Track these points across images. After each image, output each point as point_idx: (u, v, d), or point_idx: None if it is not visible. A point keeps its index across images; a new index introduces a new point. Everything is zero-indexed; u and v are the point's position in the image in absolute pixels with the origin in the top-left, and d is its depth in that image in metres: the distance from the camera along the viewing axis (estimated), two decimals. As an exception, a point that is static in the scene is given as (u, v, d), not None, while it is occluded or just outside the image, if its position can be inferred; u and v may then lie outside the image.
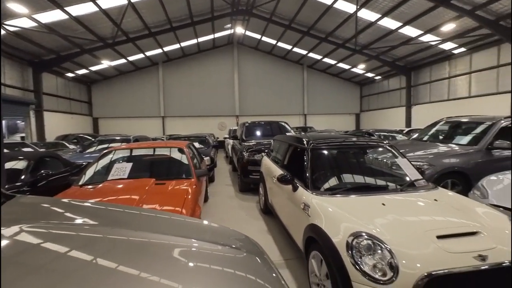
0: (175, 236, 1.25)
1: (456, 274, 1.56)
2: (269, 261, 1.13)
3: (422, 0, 10.46)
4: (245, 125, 7.84)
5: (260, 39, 19.12)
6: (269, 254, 3.11)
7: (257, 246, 1.26)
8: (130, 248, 1.03)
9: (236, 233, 1.36)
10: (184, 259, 1.01)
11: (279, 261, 2.99)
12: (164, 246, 1.09)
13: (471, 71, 13.35)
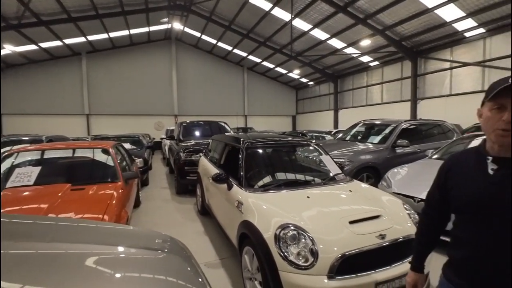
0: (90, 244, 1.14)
1: (364, 252, 1.82)
2: (192, 260, 1.11)
3: (345, 17, 11.88)
4: (182, 125, 7.55)
5: (200, 37, 18.72)
6: (205, 254, 3.10)
7: (181, 246, 1.23)
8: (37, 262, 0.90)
9: (159, 235, 1.30)
10: (98, 267, 0.93)
11: (214, 260, 2.97)
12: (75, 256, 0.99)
13: (383, 81, 15.78)
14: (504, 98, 0.87)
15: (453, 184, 1.04)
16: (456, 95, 12.02)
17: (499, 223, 0.89)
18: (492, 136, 0.92)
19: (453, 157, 1.12)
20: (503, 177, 0.90)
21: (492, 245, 0.91)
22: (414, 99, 13.63)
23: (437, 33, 11.60)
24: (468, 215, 0.98)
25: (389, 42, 12.66)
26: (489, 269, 0.92)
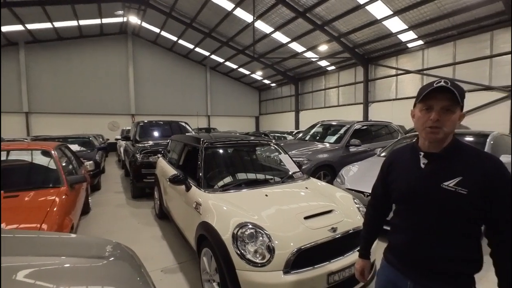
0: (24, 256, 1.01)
1: (317, 245, 1.91)
2: (142, 269, 1.05)
3: (305, 22, 12.40)
4: (139, 125, 7.12)
5: (160, 34, 17.90)
6: (162, 260, 2.96)
7: (129, 253, 1.15)
8: None
9: (104, 242, 1.20)
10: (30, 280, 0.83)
11: (173, 265, 2.85)
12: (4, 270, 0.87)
13: (339, 85, 16.82)
14: (431, 100, 0.98)
15: (393, 178, 1.16)
16: (401, 99, 13.34)
17: (429, 210, 1.01)
18: (423, 134, 1.03)
19: (393, 153, 1.24)
20: (432, 170, 1.02)
21: (424, 229, 1.03)
22: (366, 102, 14.79)
23: (385, 42, 12.76)
24: (405, 205, 1.10)
25: (344, 48, 13.55)
26: (422, 250, 1.04)
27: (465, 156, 1.00)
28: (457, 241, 0.98)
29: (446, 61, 11.51)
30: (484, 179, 0.94)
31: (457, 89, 0.95)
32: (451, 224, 0.98)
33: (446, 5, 9.61)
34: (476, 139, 4.32)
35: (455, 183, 0.96)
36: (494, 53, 10.15)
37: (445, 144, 1.02)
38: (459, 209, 0.96)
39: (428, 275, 1.02)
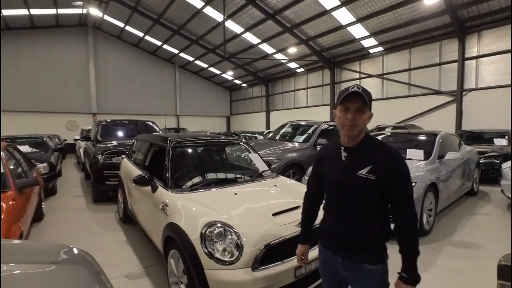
0: None
1: (285, 240, 1.96)
2: (97, 270, 0.99)
3: (274, 24, 12.62)
4: (101, 124, 6.68)
5: (124, 28, 16.95)
6: (127, 265, 2.81)
7: (87, 259, 1.08)
8: None
9: (58, 246, 1.11)
10: None
11: (138, 270, 2.72)
12: None
13: (307, 87, 17.39)
14: (348, 103, 1.17)
15: (323, 170, 1.34)
16: (364, 101, 14.19)
17: (349, 195, 1.21)
18: (343, 131, 1.21)
19: (322, 149, 1.43)
20: (350, 161, 1.22)
21: (346, 211, 1.24)
22: (332, 103, 15.47)
23: (349, 47, 13.47)
24: (332, 192, 1.31)
25: (312, 51, 14.05)
26: (345, 228, 1.24)
27: (374, 149, 1.21)
28: (371, 218, 1.20)
29: (403, 66, 12.50)
30: (387, 166, 1.15)
31: (366, 94, 1.16)
32: (366, 204, 1.19)
33: (402, 15, 10.43)
34: (427, 138, 4.74)
35: (366, 171, 1.16)
36: (442, 61, 11.25)
37: (359, 139, 1.22)
38: (370, 192, 1.17)
39: (351, 248, 1.23)
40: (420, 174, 3.58)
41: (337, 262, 1.27)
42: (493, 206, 4.74)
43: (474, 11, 9.58)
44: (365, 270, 1.21)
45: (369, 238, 1.20)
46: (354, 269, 1.23)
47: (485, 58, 10.15)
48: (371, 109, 1.21)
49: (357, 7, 10.52)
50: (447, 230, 3.66)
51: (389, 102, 13.10)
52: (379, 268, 1.21)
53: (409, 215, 1.17)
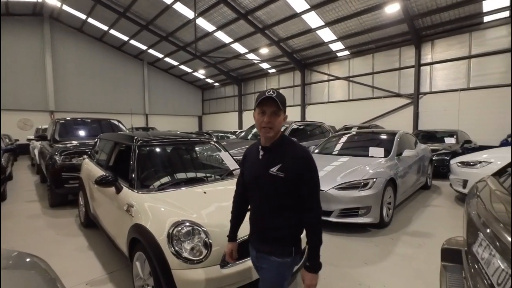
0: None
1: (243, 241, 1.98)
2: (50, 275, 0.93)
3: (246, 24, 12.67)
4: (59, 123, 6.19)
5: (86, 21, 15.85)
6: (88, 272, 2.66)
7: (36, 261, 1.00)
8: None
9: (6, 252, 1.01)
10: None
11: (100, 276, 2.58)
12: None
13: (279, 87, 17.69)
14: (264, 106, 1.26)
15: (245, 168, 1.45)
16: (332, 102, 14.83)
17: (263, 191, 1.32)
18: (260, 132, 1.30)
19: (247, 150, 1.52)
20: (264, 160, 1.33)
21: (260, 206, 1.36)
22: (303, 104, 15.95)
23: (318, 50, 13.99)
24: (251, 189, 1.41)
25: (283, 53, 14.34)
26: (260, 222, 1.37)
27: (285, 148, 1.31)
28: (282, 212, 1.30)
29: (367, 70, 13.28)
30: (295, 165, 1.26)
31: (279, 98, 1.25)
32: (277, 199, 1.29)
33: (366, 22, 11.08)
34: (387, 137, 5.10)
35: (277, 168, 1.27)
36: (401, 66, 12.16)
37: (274, 140, 1.32)
38: (280, 188, 1.27)
39: (263, 240, 1.34)
40: (380, 171, 3.84)
41: (253, 254, 1.41)
42: (443, 199, 5.25)
43: (428, 21, 10.49)
44: (271, 261, 1.30)
45: (280, 231, 1.30)
46: (263, 260, 1.33)
47: (438, 64, 11.17)
48: (285, 112, 1.31)
49: (325, 12, 10.96)
50: (404, 222, 3.98)
51: (355, 103, 13.84)
52: (286, 262, 1.31)
53: (313, 208, 1.28)
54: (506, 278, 0.78)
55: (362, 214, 3.55)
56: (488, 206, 1.10)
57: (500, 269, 0.83)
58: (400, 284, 2.42)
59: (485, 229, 0.99)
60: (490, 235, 0.93)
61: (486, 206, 1.11)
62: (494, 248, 0.89)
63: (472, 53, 10.27)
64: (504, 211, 1.00)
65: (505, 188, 1.14)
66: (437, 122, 10.93)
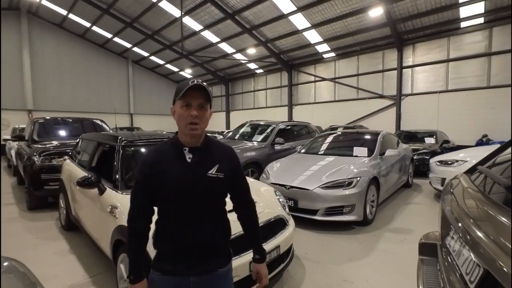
0: None
1: (239, 236, 2.00)
2: (30, 279, 0.90)
3: (234, 24, 12.66)
4: (38, 122, 5.96)
5: (67, 16, 15.30)
6: (70, 276, 2.60)
7: (14, 265, 0.98)
8: None
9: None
10: None
11: (83, 280, 2.51)
12: None
13: (267, 88, 17.80)
14: (189, 98, 1.05)
15: (160, 178, 1.08)
16: (318, 103, 15.07)
17: (199, 198, 1.09)
18: (185, 130, 1.08)
19: (151, 156, 1.13)
20: (197, 162, 1.11)
21: (197, 217, 1.10)
22: (290, 104, 16.11)
23: (305, 51, 14.18)
24: (179, 201, 1.08)
25: (271, 53, 14.43)
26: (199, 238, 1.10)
27: (216, 148, 1.19)
28: (223, 217, 1.21)
29: (352, 72, 13.60)
30: (230, 163, 1.18)
31: (208, 88, 1.08)
32: (218, 203, 1.17)
33: (351, 25, 11.34)
34: (371, 137, 5.25)
35: (215, 170, 1.12)
36: (385, 68, 12.54)
37: (201, 139, 1.14)
38: (221, 190, 1.16)
39: (207, 257, 1.12)
40: (364, 170, 3.96)
41: (188, 285, 1.08)
42: (424, 196, 5.47)
43: (409, 26, 10.88)
44: (218, 276, 1.14)
45: (223, 237, 1.19)
46: (209, 281, 1.12)
47: (418, 67, 11.61)
48: (211, 107, 1.14)
49: (312, 14, 11.13)
50: (386, 219, 4.12)
51: (340, 104, 14.13)
52: (229, 268, 1.20)
53: (250, 203, 1.29)
54: (473, 267, 0.84)
55: (347, 212, 3.64)
56: (460, 202, 1.17)
57: (468, 260, 0.89)
58: (382, 279, 2.51)
59: (456, 224, 1.05)
60: (461, 229, 1.00)
61: (458, 202, 1.18)
62: (464, 241, 0.95)
63: (450, 57, 10.74)
64: (474, 206, 1.07)
65: (475, 185, 1.22)
66: (418, 123, 11.35)
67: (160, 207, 1.13)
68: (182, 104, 1.07)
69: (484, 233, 0.85)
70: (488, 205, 0.98)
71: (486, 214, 0.95)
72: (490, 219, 0.92)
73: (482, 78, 10.03)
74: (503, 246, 0.74)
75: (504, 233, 0.79)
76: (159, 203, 1.13)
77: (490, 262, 0.74)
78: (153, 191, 1.09)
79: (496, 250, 0.74)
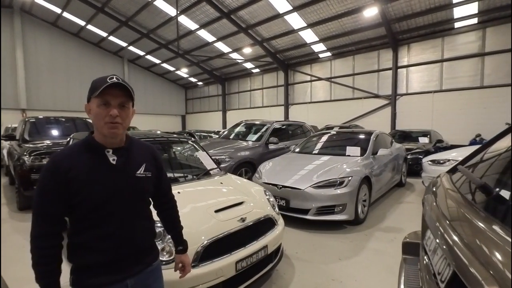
0: None
1: (226, 235, 1.99)
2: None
3: (229, 24, 12.63)
4: (29, 121, 5.90)
5: (61, 15, 15.15)
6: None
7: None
8: None
9: None
10: None
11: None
12: None
13: (263, 87, 17.79)
14: (107, 96, 0.97)
15: (78, 188, 0.97)
16: (314, 103, 15.10)
17: (129, 200, 1.06)
18: (104, 130, 0.99)
19: (63, 160, 0.99)
20: (124, 163, 1.06)
21: (129, 221, 1.06)
22: (286, 104, 16.12)
23: (301, 51, 14.19)
24: (106, 207, 1.01)
25: (267, 53, 14.42)
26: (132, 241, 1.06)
27: (139, 147, 1.16)
28: (150, 214, 1.19)
29: (348, 71, 13.64)
30: (155, 161, 1.19)
31: (128, 85, 1.03)
32: (146, 203, 1.17)
33: (347, 24, 11.37)
34: (364, 136, 5.26)
35: (143, 169, 1.11)
36: (380, 68, 12.59)
37: (124, 138, 1.09)
38: (149, 189, 1.15)
39: (141, 256, 1.12)
40: (356, 169, 3.97)
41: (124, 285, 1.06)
42: (416, 195, 5.50)
43: (404, 26, 10.93)
44: (152, 270, 1.16)
45: (152, 234, 1.20)
46: (144, 279, 1.12)
47: (413, 67, 11.68)
48: (134, 105, 1.08)
49: (307, 13, 11.14)
50: (378, 218, 4.13)
51: (336, 103, 14.17)
52: (159, 261, 1.24)
53: (172, 199, 1.36)
54: (444, 267, 0.84)
55: (338, 211, 3.65)
56: (438, 201, 1.18)
57: (440, 260, 0.89)
58: (370, 278, 2.51)
59: (432, 223, 1.06)
60: (436, 229, 1.00)
61: (436, 202, 1.18)
62: (438, 241, 0.95)
63: (444, 57, 10.82)
64: (451, 206, 1.07)
65: (454, 185, 1.22)
66: (412, 122, 11.42)
67: (79, 218, 1.00)
68: (99, 103, 0.98)
69: (457, 234, 0.85)
70: (463, 206, 0.98)
71: (460, 214, 0.96)
72: (463, 220, 0.92)
73: (476, 78, 10.12)
74: (472, 248, 0.74)
75: (474, 234, 0.80)
76: (77, 214, 1.00)
77: (457, 262, 0.74)
78: (69, 201, 0.97)
79: (464, 251, 0.74)
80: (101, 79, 1.00)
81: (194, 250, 1.82)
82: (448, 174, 1.46)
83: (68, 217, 1.03)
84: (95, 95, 0.97)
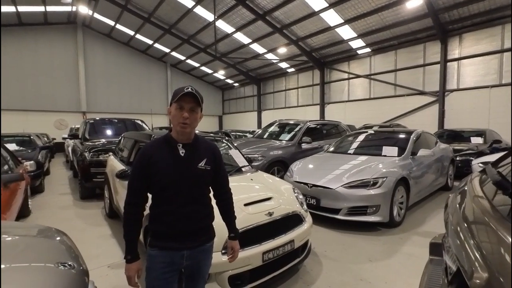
0: None
1: (254, 227, 2.13)
2: (68, 243, 1.13)
3: (264, 25, 12.79)
4: (89, 122, 6.75)
5: (114, 27, 16.86)
6: (110, 256, 2.99)
7: (60, 233, 1.23)
8: None
9: (38, 226, 1.26)
10: None
11: (120, 261, 2.86)
12: None
13: (298, 86, 17.62)
14: (182, 102, 1.28)
15: (156, 170, 1.27)
16: (352, 101, 14.51)
17: (190, 186, 1.32)
18: (177, 128, 1.30)
19: (148, 150, 1.32)
20: (189, 156, 1.34)
21: (188, 202, 1.31)
22: (322, 103, 15.76)
23: (338, 48, 13.75)
24: (171, 189, 1.28)
25: (302, 52, 14.28)
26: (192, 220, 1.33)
27: (203, 144, 1.42)
28: (208, 202, 1.42)
29: (389, 67, 12.84)
30: (214, 157, 1.42)
31: (199, 95, 1.31)
32: (205, 191, 1.41)
33: (387, 18, 10.74)
34: (404, 136, 4.99)
35: (204, 163, 1.36)
36: (426, 63, 11.62)
37: (192, 136, 1.36)
38: (208, 179, 1.41)
39: (198, 234, 1.38)
40: (391, 170, 3.81)
41: (182, 257, 1.31)
42: (464, 201, 5.03)
43: (455, 15, 9.95)
44: (204, 249, 1.40)
45: (209, 219, 1.43)
46: (197, 254, 1.36)
47: (466, 60, 10.55)
48: (202, 110, 1.37)
49: (344, 9, 10.78)
50: (417, 222, 3.91)
51: (376, 102, 13.44)
52: (212, 243, 1.46)
53: (228, 191, 1.54)
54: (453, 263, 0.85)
55: (371, 212, 3.55)
56: (462, 202, 1.16)
57: (452, 257, 0.90)
58: (400, 281, 2.44)
59: (453, 224, 1.06)
60: (454, 229, 1.00)
61: (460, 202, 1.17)
62: (453, 241, 0.96)
63: (504, 47, 9.58)
64: (470, 208, 1.06)
65: (480, 186, 1.18)
66: (465, 121, 10.33)
67: (155, 194, 1.32)
68: (176, 107, 1.28)
69: (469, 235, 0.86)
70: (482, 205, 0.97)
71: (478, 215, 0.95)
72: (480, 222, 0.91)
73: (545, 69, 8.78)
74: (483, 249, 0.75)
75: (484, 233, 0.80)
76: (154, 191, 1.31)
77: (461, 259, 0.76)
78: (149, 180, 1.28)
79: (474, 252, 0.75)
80: (180, 89, 1.29)
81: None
82: (481, 173, 1.40)
83: (150, 194, 1.35)
84: (174, 101, 1.28)
